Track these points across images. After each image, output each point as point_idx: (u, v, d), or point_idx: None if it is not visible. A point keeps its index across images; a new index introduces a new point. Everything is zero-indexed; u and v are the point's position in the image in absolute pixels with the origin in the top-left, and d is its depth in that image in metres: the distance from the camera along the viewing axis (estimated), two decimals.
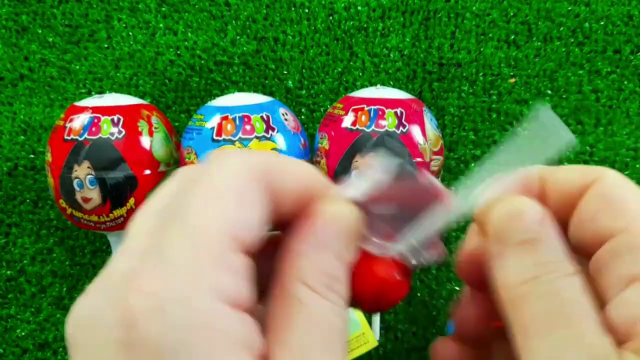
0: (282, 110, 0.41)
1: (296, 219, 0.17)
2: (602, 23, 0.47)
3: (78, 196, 0.39)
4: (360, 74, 0.48)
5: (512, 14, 0.48)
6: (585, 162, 0.46)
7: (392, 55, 0.48)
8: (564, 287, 0.16)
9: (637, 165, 0.46)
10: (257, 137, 0.38)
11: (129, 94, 0.45)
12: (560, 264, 0.16)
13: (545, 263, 0.16)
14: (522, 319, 0.16)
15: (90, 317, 0.14)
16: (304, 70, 0.48)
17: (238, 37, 0.49)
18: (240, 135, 0.38)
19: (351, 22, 0.49)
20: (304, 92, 0.48)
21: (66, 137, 0.39)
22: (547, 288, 0.16)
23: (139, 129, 0.40)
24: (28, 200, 0.48)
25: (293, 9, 0.49)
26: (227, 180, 0.15)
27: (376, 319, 0.43)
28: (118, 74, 0.49)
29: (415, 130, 0.39)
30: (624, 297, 0.15)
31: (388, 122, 0.39)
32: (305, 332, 0.15)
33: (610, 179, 0.18)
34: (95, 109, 0.40)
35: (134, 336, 0.13)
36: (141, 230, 0.15)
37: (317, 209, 0.17)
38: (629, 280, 0.16)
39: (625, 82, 0.47)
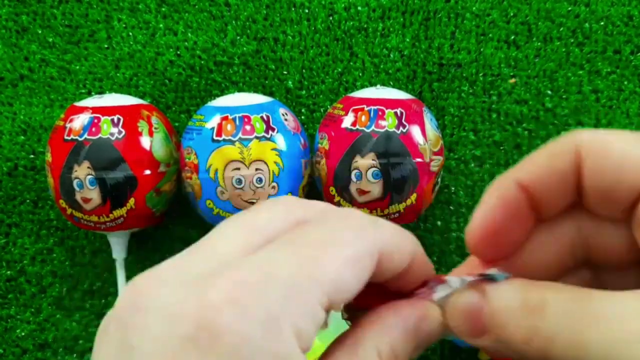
0: (282, 110, 0.41)
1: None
2: (602, 23, 0.47)
3: (78, 196, 0.39)
4: (360, 74, 0.48)
5: (512, 14, 0.48)
6: None
7: (392, 56, 0.48)
8: None
9: None
10: (257, 137, 0.38)
11: (129, 94, 0.45)
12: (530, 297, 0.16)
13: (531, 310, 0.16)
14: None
15: (156, 301, 0.13)
16: (304, 71, 0.48)
17: (238, 38, 0.49)
18: (240, 135, 0.38)
19: (351, 23, 0.49)
20: (304, 92, 0.48)
21: (66, 137, 0.39)
22: None
23: (139, 129, 0.40)
24: (28, 200, 0.48)
25: (293, 9, 0.49)
26: (349, 245, 0.15)
27: None
28: (118, 74, 0.49)
29: (415, 131, 0.39)
30: None
31: (388, 123, 0.39)
32: None
33: (595, 142, 0.17)
34: (95, 109, 0.40)
35: (206, 335, 0.12)
36: (231, 241, 0.15)
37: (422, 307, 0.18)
38: None
39: (625, 82, 0.47)
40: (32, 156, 0.48)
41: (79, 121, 0.39)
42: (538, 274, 0.18)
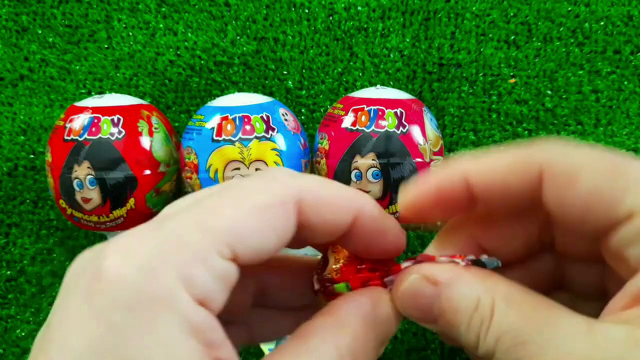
0: (282, 110, 0.41)
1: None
2: (602, 23, 0.47)
3: (78, 196, 0.39)
4: (360, 74, 0.48)
5: (512, 14, 0.48)
6: None
7: (392, 56, 0.48)
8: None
9: None
10: (257, 137, 0.38)
11: (129, 94, 0.45)
12: (481, 294, 0.16)
13: (475, 307, 0.16)
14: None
15: (80, 266, 0.15)
16: (304, 71, 0.48)
17: (238, 38, 0.49)
18: (240, 135, 0.38)
19: (351, 23, 0.49)
20: (304, 92, 0.48)
21: (66, 138, 0.39)
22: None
23: (139, 129, 0.40)
24: (28, 200, 0.48)
25: (293, 9, 0.49)
26: (257, 194, 0.15)
27: None
28: (118, 74, 0.49)
29: (415, 131, 0.39)
30: None
31: (388, 122, 0.39)
32: None
33: (561, 170, 0.16)
34: (95, 109, 0.40)
35: (96, 287, 0.14)
36: (176, 204, 0.16)
37: (367, 302, 0.17)
38: None
39: (625, 82, 0.47)
40: (32, 156, 0.48)
41: (79, 121, 0.39)
42: (506, 256, 0.19)
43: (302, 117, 0.48)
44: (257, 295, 0.21)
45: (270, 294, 0.21)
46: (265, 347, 0.42)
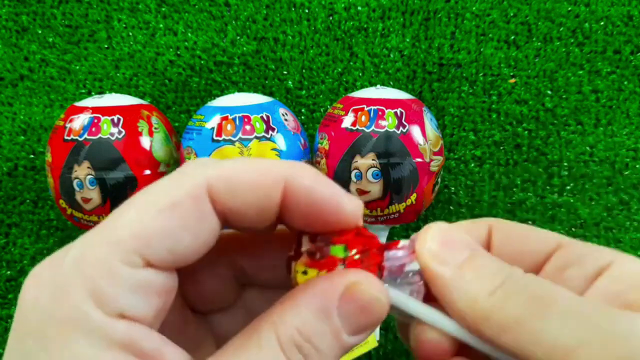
0: (282, 110, 0.41)
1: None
2: (602, 23, 0.47)
3: (78, 196, 0.39)
4: (360, 74, 0.48)
5: (512, 14, 0.48)
6: (585, 163, 0.46)
7: (392, 56, 0.48)
8: (531, 281, 0.16)
9: (637, 166, 0.46)
10: (257, 138, 0.38)
11: (129, 94, 0.45)
12: (510, 267, 0.17)
13: (501, 269, 0.16)
14: (505, 323, 0.15)
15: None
16: (304, 71, 0.48)
17: (238, 38, 0.49)
18: (240, 135, 0.38)
19: (351, 23, 0.49)
20: (304, 92, 0.48)
21: (66, 138, 0.39)
22: (517, 287, 0.16)
23: (139, 129, 0.40)
24: (28, 200, 0.48)
25: (293, 9, 0.49)
26: (161, 194, 0.15)
27: None
28: (118, 74, 0.49)
29: (415, 131, 0.39)
30: (599, 286, 0.16)
31: (388, 122, 0.39)
32: None
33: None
34: (95, 109, 0.40)
35: (17, 316, 0.14)
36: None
37: (352, 278, 0.16)
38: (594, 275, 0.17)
39: (625, 82, 0.47)
40: (32, 156, 0.48)
41: (79, 121, 0.39)
42: None
43: (302, 117, 0.48)
44: (240, 277, 0.20)
45: (253, 274, 0.20)
46: None
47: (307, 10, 0.49)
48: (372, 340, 0.41)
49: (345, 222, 0.16)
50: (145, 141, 0.40)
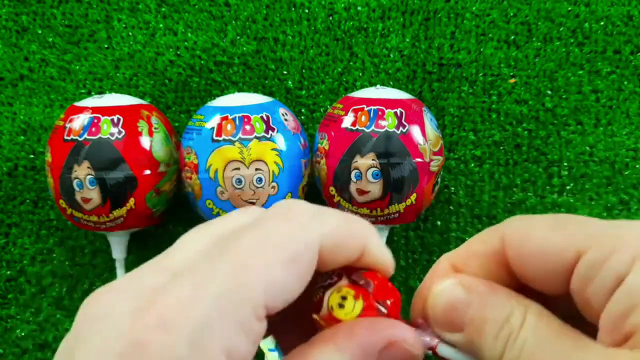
0: (282, 110, 0.41)
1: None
2: (602, 23, 0.47)
3: (78, 196, 0.39)
4: (360, 74, 0.48)
5: (512, 14, 0.48)
6: (585, 163, 0.46)
7: (392, 56, 0.48)
8: (533, 325, 0.16)
9: (637, 166, 0.46)
10: (257, 138, 0.38)
11: (129, 94, 0.45)
12: (514, 307, 0.16)
13: (507, 318, 0.16)
14: None
15: (105, 315, 0.14)
16: (304, 71, 0.48)
17: (238, 37, 0.49)
18: (240, 135, 0.38)
19: (351, 23, 0.49)
20: (304, 92, 0.48)
21: (66, 138, 0.39)
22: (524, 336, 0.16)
23: (139, 129, 0.40)
24: (28, 200, 0.48)
25: (293, 9, 0.49)
26: (285, 244, 0.15)
27: None
28: (118, 74, 0.49)
29: (415, 131, 0.39)
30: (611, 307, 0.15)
31: (388, 122, 0.39)
32: None
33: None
34: (95, 109, 0.40)
35: (136, 354, 0.13)
36: (190, 249, 0.15)
37: (394, 332, 0.16)
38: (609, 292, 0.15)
39: (625, 82, 0.47)
40: (32, 156, 0.48)
41: (79, 121, 0.39)
42: None
43: (302, 117, 0.48)
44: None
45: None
46: (265, 346, 0.42)
47: (307, 10, 0.49)
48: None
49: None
50: (145, 141, 0.40)
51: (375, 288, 0.17)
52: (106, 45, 0.49)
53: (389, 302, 0.17)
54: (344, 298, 0.17)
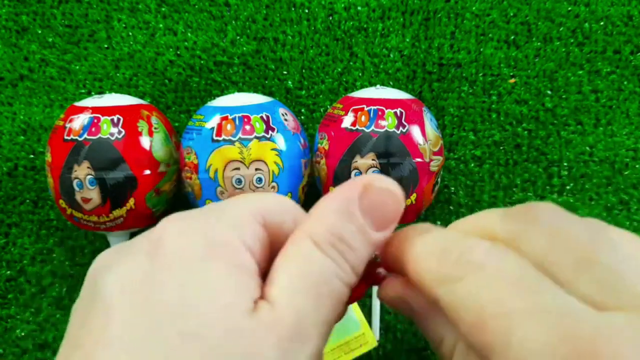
0: (282, 110, 0.41)
1: None
2: (602, 23, 0.47)
3: (78, 196, 0.39)
4: (360, 74, 0.48)
5: (512, 14, 0.48)
6: (585, 163, 0.46)
7: (392, 56, 0.48)
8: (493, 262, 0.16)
9: (637, 166, 0.46)
10: (256, 138, 0.38)
11: (129, 94, 0.45)
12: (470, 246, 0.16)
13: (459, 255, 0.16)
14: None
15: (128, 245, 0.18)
16: (303, 71, 0.48)
17: (238, 38, 0.49)
18: (240, 135, 0.38)
19: (351, 23, 0.49)
20: (303, 92, 0.48)
21: (66, 137, 0.39)
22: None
23: (139, 129, 0.40)
24: (28, 200, 0.48)
25: (293, 9, 0.49)
26: (234, 215, 0.18)
27: (376, 319, 0.43)
28: (118, 74, 0.49)
29: (415, 131, 0.39)
30: None
31: (388, 122, 0.39)
32: (297, 277, 0.16)
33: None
34: (95, 109, 0.40)
35: (161, 248, 0.16)
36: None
37: (366, 179, 0.17)
38: None
39: (625, 82, 0.47)
40: (32, 156, 0.48)
41: (79, 121, 0.39)
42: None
43: (302, 117, 0.48)
44: None
45: None
46: None
47: (307, 10, 0.49)
48: (372, 340, 0.41)
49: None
50: (145, 141, 0.40)
51: None
52: (106, 45, 0.49)
53: None
54: None
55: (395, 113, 0.39)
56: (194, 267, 0.16)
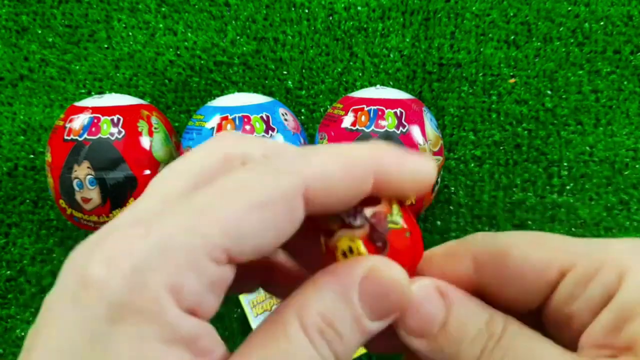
0: (282, 110, 0.41)
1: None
2: (602, 23, 0.47)
3: (78, 196, 0.39)
4: (360, 74, 0.48)
5: (512, 14, 0.48)
6: (585, 163, 0.46)
7: (392, 56, 0.48)
8: (514, 342, 0.15)
9: (637, 165, 0.46)
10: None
11: (129, 94, 0.45)
12: (493, 313, 0.16)
13: (481, 331, 0.16)
14: None
15: (73, 259, 0.14)
16: (303, 71, 0.48)
17: (238, 38, 0.49)
18: None
19: (351, 23, 0.49)
20: (303, 92, 0.48)
21: (66, 137, 0.39)
22: (500, 353, 0.15)
23: (139, 129, 0.40)
24: (28, 200, 0.48)
25: (293, 9, 0.49)
26: (254, 189, 0.14)
27: None
28: (118, 74, 0.49)
29: (415, 131, 0.39)
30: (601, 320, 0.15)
31: (388, 122, 0.39)
32: (272, 358, 0.14)
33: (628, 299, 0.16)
34: (95, 109, 0.40)
35: (82, 294, 0.13)
36: (159, 192, 0.15)
37: (372, 263, 0.15)
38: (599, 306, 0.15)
39: (625, 82, 0.47)
40: (32, 156, 0.48)
41: (79, 121, 0.39)
42: None
43: (302, 117, 0.48)
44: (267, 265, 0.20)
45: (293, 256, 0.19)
46: (243, 298, 0.42)
47: (307, 10, 0.49)
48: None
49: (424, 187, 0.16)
50: (145, 141, 0.40)
51: (390, 254, 0.16)
52: (106, 45, 0.49)
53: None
54: (350, 251, 0.16)
55: (395, 113, 0.39)
56: (113, 341, 0.13)
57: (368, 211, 0.16)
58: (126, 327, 0.13)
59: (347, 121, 0.39)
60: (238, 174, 0.14)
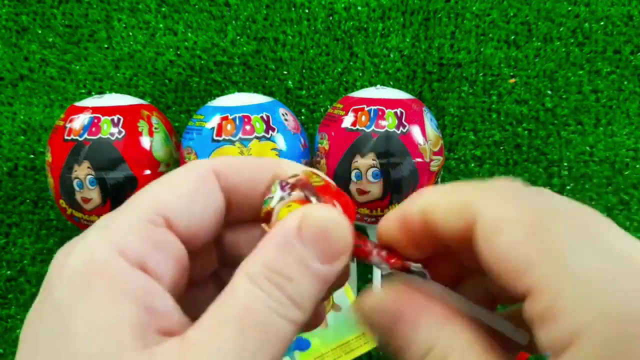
0: (282, 110, 0.41)
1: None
2: (602, 23, 0.47)
3: (78, 196, 0.39)
4: (360, 74, 0.48)
5: (512, 14, 0.48)
6: (585, 163, 0.46)
7: (392, 56, 0.48)
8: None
9: (637, 165, 0.46)
10: (257, 138, 0.38)
11: (129, 94, 0.45)
12: (439, 335, 0.16)
13: (431, 346, 0.16)
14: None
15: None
16: (304, 71, 0.48)
17: (238, 37, 0.49)
18: (240, 135, 0.38)
19: (351, 23, 0.49)
20: (304, 92, 0.48)
21: (66, 137, 0.39)
22: None
23: (139, 129, 0.40)
24: (28, 200, 0.48)
25: (293, 9, 0.49)
26: (174, 175, 0.18)
27: None
28: (118, 74, 0.49)
29: (415, 131, 0.39)
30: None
31: (388, 122, 0.39)
32: (223, 317, 0.15)
33: (487, 223, 0.16)
34: (95, 109, 0.40)
35: (48, 276, 0.16)
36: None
37: (305, 210, 0.16)
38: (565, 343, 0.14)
39: (625, 82, 0.47)
40: (32, 156, 0.48)
41: (79, 121, 0.39)
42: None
43: (302, 117, 0.48)
44: (221, 254, 0.21)
45: (234, 209, 0.20)
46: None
47: (307, 10, 0.49)
48: (372, 340, 0.42)
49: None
50: (145, 141, 0.40)
51: (323, 202, 0.17)
52: (106, 45, 0.49)
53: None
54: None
55: (396, 113, 0.39)
56: (68, 304, 0.14)
57: (291, 180, 0.18)
58: (80, 286, 0.15)
59: (348, 121, 0.39)
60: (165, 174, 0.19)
